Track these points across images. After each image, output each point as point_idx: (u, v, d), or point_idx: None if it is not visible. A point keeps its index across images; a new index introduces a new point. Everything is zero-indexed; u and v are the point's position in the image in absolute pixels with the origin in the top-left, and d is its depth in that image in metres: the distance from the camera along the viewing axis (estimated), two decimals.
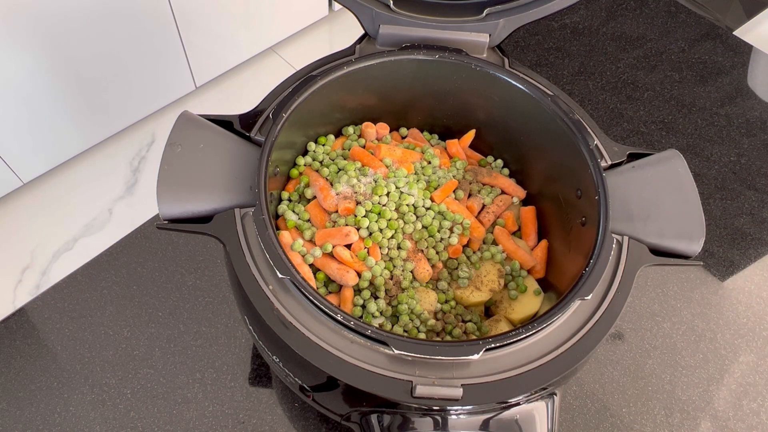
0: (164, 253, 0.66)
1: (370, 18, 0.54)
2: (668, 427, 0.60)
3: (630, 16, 0.96)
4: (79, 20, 1.28)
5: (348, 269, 0.50)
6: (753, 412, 0.61)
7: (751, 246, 0.73)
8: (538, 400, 0.43)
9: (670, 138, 0.82)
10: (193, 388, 0.59)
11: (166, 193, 0.44)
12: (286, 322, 0.41)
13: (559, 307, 0.42)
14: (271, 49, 1.85)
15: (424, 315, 0.50)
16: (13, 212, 1.49)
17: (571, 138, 0.50)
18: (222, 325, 0.62)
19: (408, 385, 0.39)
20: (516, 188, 0.59)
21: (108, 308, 0.63)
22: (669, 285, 0.69)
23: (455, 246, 0.53)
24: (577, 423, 0.60)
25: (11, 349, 0.60)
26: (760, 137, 0.83)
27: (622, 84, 0.87)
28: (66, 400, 0.58)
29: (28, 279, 1.40)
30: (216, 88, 1.75)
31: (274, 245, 0.41)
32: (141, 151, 1.61)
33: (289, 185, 0.56)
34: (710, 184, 0.78)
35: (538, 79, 0.55)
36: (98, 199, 1.52)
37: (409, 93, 0.57)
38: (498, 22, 0.54)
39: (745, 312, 0.68)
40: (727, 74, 0.89)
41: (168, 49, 1.50)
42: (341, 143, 0.59)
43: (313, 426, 0.58)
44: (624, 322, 0.66)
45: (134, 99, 1.53)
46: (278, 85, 0.53)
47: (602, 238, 0.44)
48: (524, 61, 0.89)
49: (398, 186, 0.54)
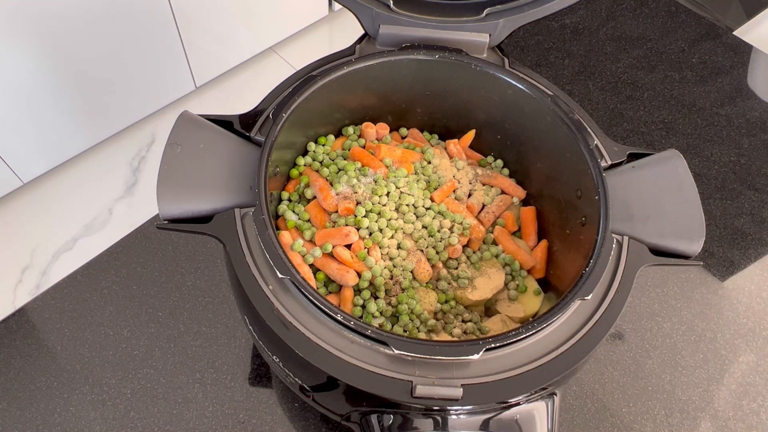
0: (164, 253, 0.66)
1: (370, 18, 0.54)
2: (668, 427, 0.60)
3: (630, 16, 0.96)
4: (79, 20, 1.28)
5: (348, 269, 0.50)
6: (753, 412, 0.61)
7: (751, 246, 0.73)
8: (538, 400, 0.43)
9: (670, 138, 0.82)
10: (193, 388, 0.59)
11: (166, 193, 0.44)
12: (286, 322, 0.41)
13: (559, 307, 0.42)
14: (271, 49, 1.85)
15: (424, 315, 0.50)
16: (13, 212, 1.49)
17: (571, 138, 0.50)
18: (222, 325, 0.62)
19: (408, 385, 0.39)
20: (516, 188, 0.59)
21: (108, 308, 0.63)
22: (669, 285, 0.69)
23: (455, 246, 0.53)
24: (577, 423, 0.60)
25: (11, 349, 0.60)
26: (760, 137, 0.83)
27: (622, 84, 0.87)
28: (66, 400, 0.58)
29: (28, 279, 1.40)
30: (216, 88, 1.75)
31: (274, 245, 0.41)
32: (141, 151, 1.61)
33: (289, 185, 0.56)
34: (710, 184, 0.78)
35: (538, 79, 0.55)
36: (98, 199, 1.52)
37: (409, 93, 0.57)
38: (498, 22, 0.54)
39: (745, 312, 0.68)
40: (727, 74, 0.89)
41: (168, 49, 1.50)
42: (341, 143, 0.59)
43: (313, 426, 0.58)
44: (624, 322, 0.66)
45: (134, 99, 1.53)
46: (278, 85, 0.53)
47: (602, 238, 0.44)
48: (524, 61, 0.89)
49: (398, 186, 0.54)
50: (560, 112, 0.50)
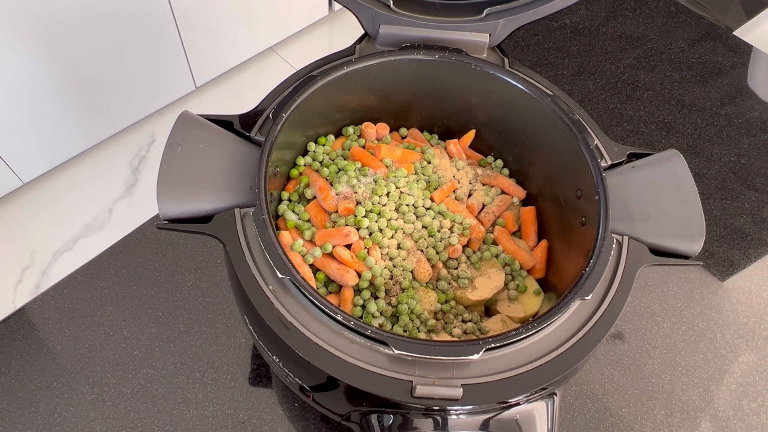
0: (164, 253, 0.66)
1: (370, 18, 0.54)
2: (668, 427, 0.60)
3: (630, 16, 0.96)
4: (79, 20, 1.28)
5: (348, 269, 0.50)
6: (753, 412, 0.61)
7: (751, 246, 0.73)
8: (538, 400, 0.43)
9: (670, 138, 0.82)
10: (193, 388, 0.59)
11: (166, 193, 0.44)
12: (286, 322, 0.41)
13: (559, 307, 0.42)
14: (271, 49, 1.85)
15: (424, 315, 0.50)
16: (13, 212, 1.49)
17: (571, 138, 0.50)
18: (222, 325, 0.62)
19: (408, 385, 0.39)
20: (516, 188, 0.59)
21: (108, 308, 0.63)
22: (669, 285, 0.69)
23: (455, 246, 0.53)
24: (577, 423, 0.60)
25: (11, 349, 0.60)
26: (760, 137, 0.83)
27: (622, 84, 0.87)
28: (66, 400, 0.58)
29: (28, 279, 1.40)
30: (216, 88, 1.75)
31: (274, 245, 0.41)
32: (141, 151, 1.61)
33: (289, 185, 0.56)
34: (710, 184, 0.78)
35: (538, 79, 0.55)
36: (98, 199, 1.52)
37: (409, 93, 0.57)
38: (498, 22, 0.54)
39: (745, 312, 0.68)
40: (727, 74, 0.89)
41: (168, 49, 1.50)
42: (341, 143, 0.59)
43: (313, 426, 0.58)
44: (624, 322, 0.66)
45: (134, 99, 1.53)
46: (278, 85, 0.53)
47: (602, 238, 0.44)
48: (524, 61, 0.89)
49: (398, 186, 0.54)
50: (560, 112, 0.50)
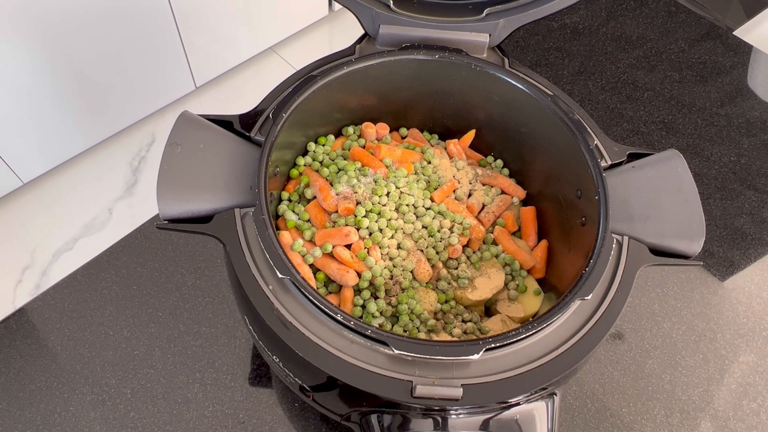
0: (164, 253, 0.66)
1: (370, 18, 0.54)
2: (668, 427, 0.60)
3: (630, 16, 0.96)
4: (79, 20, 1.28)
5: (348, 269, 0.50)
6: (753, 412, 0.61)
7: (751, 246, 0.73)
8: (538, 400, 0.43)
9: (670, 138, 0.82)
10: (193, 388, 0.59)
11: (166, 193, 0.44)
12: (286, 322, 0.41)
13: (559, 307, 0.42)
14: (271, 49, 1.85)
15: (424, 315, 0.50)
16: (13, 212, 1.49)
17: (571, 138, 0.50)
18: (222, 325, 0.62)
19: (408, 385, 0.39)
20: (516, 188, 0.59)
21: (108, 308, 0.63)
22: (669, 285, 0.69)
23: (455, 246, 0.53)
24: (577, 423, 0.60)
25: (11, 349, 0.60)
26: (760, 137, 0.83)
27: (622, 84, 0.87)
28: (66, 400, 0.58)
29: (28, 279, 1.40)
30: (216, 88, 1.75)
31: (274, 245, 0.41)
32: (141, 151, 1.61)
33: (289, 185, 0.56)
34: (710, 184, 0.78)
35: (538, 79, 0.55)
36: (98, 199, 1.52)
37: (409, 93, 0.57)
38: (498, 22, 0.54)
39: (745, 312, 0.68)
40: (727, 74, 0.89)
41: (168, 49, 1.50)
42: (341, 143, 0.59)
43: (313, 426, 0.58)
44: (624, 322, 0.66)
45: (134, 99, 1.53)
46: (278, 85, 0.53)
47: (602, 238, 0.44)
48: (524, 61, 0.89)
49: (398, 186, 0.54)
50: (560, 112, 0.50)
